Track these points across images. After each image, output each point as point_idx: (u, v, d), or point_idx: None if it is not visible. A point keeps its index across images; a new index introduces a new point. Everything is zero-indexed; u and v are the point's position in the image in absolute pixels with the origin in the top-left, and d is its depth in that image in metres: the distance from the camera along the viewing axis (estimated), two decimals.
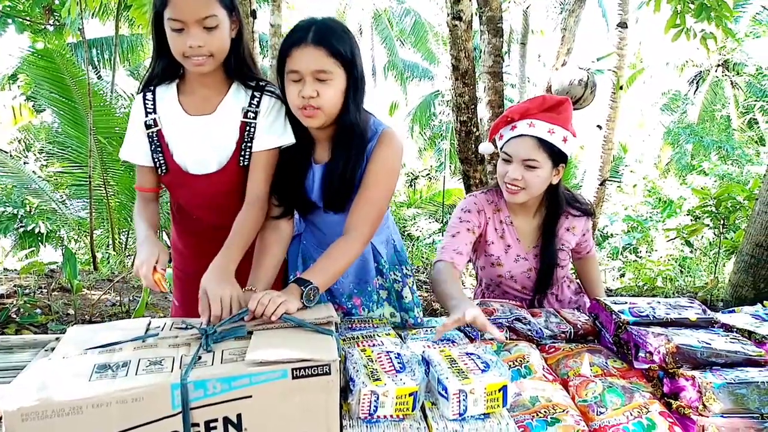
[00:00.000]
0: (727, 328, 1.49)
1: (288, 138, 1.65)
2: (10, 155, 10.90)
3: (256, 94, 1.64)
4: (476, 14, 3.89)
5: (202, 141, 1.63)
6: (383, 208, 1.63)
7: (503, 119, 1.88)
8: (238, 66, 1.62)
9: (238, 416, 1.06)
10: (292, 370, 1.07)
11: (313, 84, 1.47)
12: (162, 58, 1.61)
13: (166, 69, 1.63)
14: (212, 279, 1.40)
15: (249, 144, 1.63)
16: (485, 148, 2.03)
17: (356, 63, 1.54)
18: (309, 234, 1.87)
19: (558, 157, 1.81)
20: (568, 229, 1.97)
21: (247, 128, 1.62)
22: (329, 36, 1.48)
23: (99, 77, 13.42)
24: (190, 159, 1.65)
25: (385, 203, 1.63)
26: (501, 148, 1.88)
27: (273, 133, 1.63)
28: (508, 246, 1.96)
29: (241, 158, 1.64)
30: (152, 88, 1.66)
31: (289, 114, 1.63)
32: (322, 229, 1.82)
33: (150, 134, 1.63)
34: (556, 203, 1.93)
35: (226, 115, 1.63)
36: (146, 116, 1.63)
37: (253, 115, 1.62)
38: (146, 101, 1.64)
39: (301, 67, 1.47)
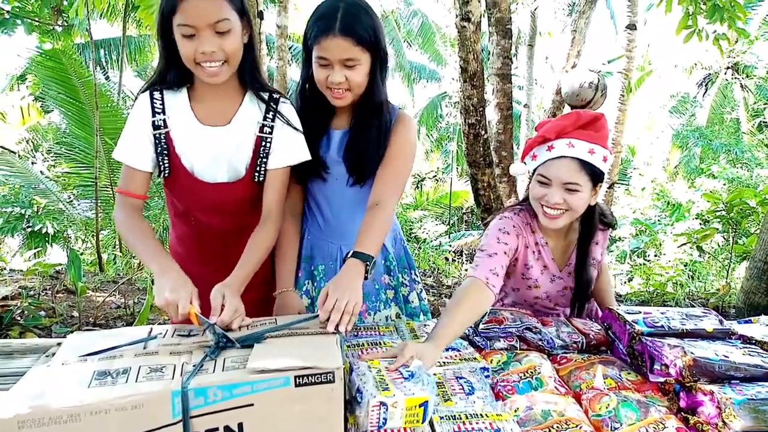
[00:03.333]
0: (745, 340, 1.44)
1: (303, 154, 1.64)
2: (18, 155, 10.95)
3: (271, 106, 1.60)
4: (484, 16, 3.85)
5: (215, 152, 1.58)
6: (405, 182, 1.72)
7: (538, 140, 1.75)
8: (251, 74, 1.58)
9: (240, 425, 1.03)
10: (295, 377, 1.04)
11: (341, 70, 1.56)
12: (172, 67, 1.53)
13: (177, 77, 1.55)
14: (222, 289, 1.37)
15: (264, 160, 1.60)
16: (517, 169, 1.90)
17: (380, 44, 1.60)
18: (314, 225, 1.87)
19: (597, 177, 1.70)
20: (596, 243, 1.89)
21: (263, 143, 1.59)
22: (355, 25, 1.53)
23: (106, 78, 13.47)
24: (199, 166, 1.59)
25: (407, 177, 1.73)
26: (535, 170, 1.75)
27: (288, 151, 1.61)
28: (545, 267, 1.88)
29: (256, 174, 1.61)
30: (159, 88, 1.57)
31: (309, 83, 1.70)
32: (324, 211, 1.83)
33: (157, 135, 1.55)
34: (591, 223, 1.82)
35: (241, 127, 1.59)
36: (154, 116, 1.55)
37: (269, 130, 1.59)
38: (154, 101, 1.55)
39: (329, 55, 1.55)
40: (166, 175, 1.60)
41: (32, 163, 11.48)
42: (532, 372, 1.36)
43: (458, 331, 1.42)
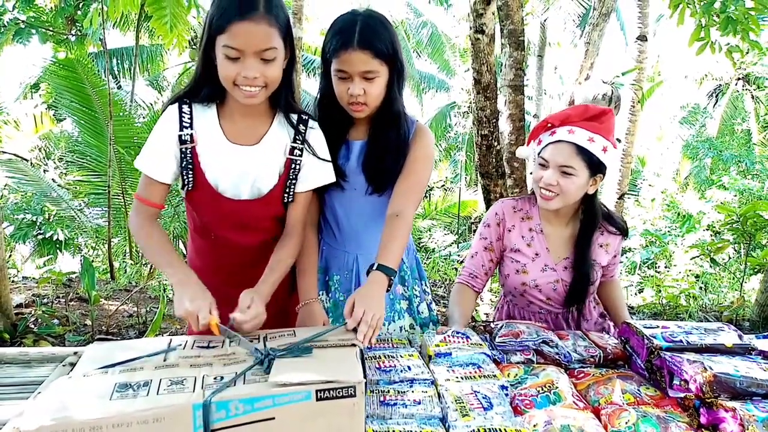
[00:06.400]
0: (766, 356, 1.43)
1: (330, 176, 1.67)
2: (31, 163, 11.05)
3: (300, 128, 1.61)
4: (496, 24, 3.86)
5: (242, 171, 1.58)
6: (423, 193, 1.75)
7: (542, 125, 1.86)
8: (285, 97, 1.58)
9: None
10: (317, 391, 1.05)
11: (360, 83, 1.59)
12: (207, 84, 1.52)
13: (210, 94, 1.54)
14: (251, 294, 1.41)
15: (294, 182, 1.62)
16: (523, 152, 2.02)
17: (398, 56, 1.63)
18: (329, 235, 1.89)
19: (596, 166, 1.78)
20: (601, 246, 1.92)
21: (293, 165, 1.60)
22: (373, 38, 1.56)
23: (119, 87, 13.58)
24: (224, 183, 1.59)
25: (425, 188, 1.76)
26: (538, 153, 1.86)
27: (317, 173, 1.64)
28: (536, 254, 1.92)
29: (285, 195, 1.62)
30: (188, 101, 1.55)
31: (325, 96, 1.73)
32: (342, 220, 1.84)
33: (183, 149, 1.54)
34: (592, 215, 1.89)
35: (270, 148, 1.59)
36: (182, 130, 1.53)
37: (299, 152, 1.61)
38: (182, 114, 1.53)
39: (348, 68, 1.58)
40: (190, 188, 1.59)
41: (44, 170, 11.58)
42: (549, 386, 1.35)
43: (463, 322, 1.84)
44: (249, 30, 1.35)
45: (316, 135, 1.64)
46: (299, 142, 1.60)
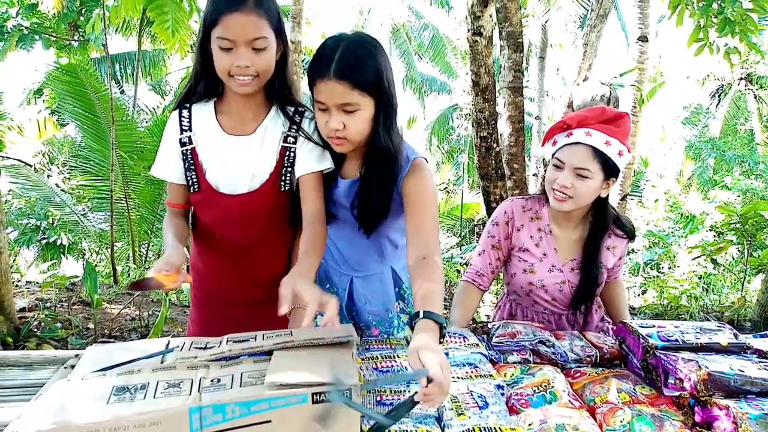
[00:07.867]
0: (761, 354, 1.43)
1: (328, 163, 1.64)
2: (35, 168, 11.09)
3: (295, 119, 1.63)
4: (495, 29, 3.87)
5: (238, 161, 1.62)
6: (437, 226, 1.58)
7: (559, 125, 1.84)
8: (280, 89, 1.62)
9: None
10: (312, 394, 1.05)
11: (339, 116, 1.46)
12: (205, 77, 1.60)
13: (207, 88, 1.62)
14: (293, 277, 1.37)
15: (290, 169, 1.63)
16: (538, 151, 2.00)
17: (383, 88, 1.48)
18: (328, 252, 1.86)
19: (611, 170, 1.77)
20: (608, 248, 1.92)
21: (287, 153, 1.62)
22: (352, 67, 1.42)
23: (122, 92, 13.65)
24: (222, 178, 1.63)
25: (437, 221, 1.59)
26: (553, 155, 1.84)
27: (314, 158, 1.63)
28: (544, 254, 1.91)
29: (282, 183, 1.64)
30: (188, 105, 1.64)
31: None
32: (338, 245, 1.83)
33: (184, 152, 1.62)
34: (603, 218, 1.88)
35: (264, 137, 1.62)
36: (181, 133, 1.62)
37: (293, 140, 1.62)
38: (182, 119, 1.63)
39: (325, 99, 1.45)
40: (195, 189, 1.65)
41: (48, 175, 11.64)
42: (545, 385, 1.36)
43: (463, 324, 1.84)
44: (239, 20, 1.42)
45: (311, 125, 1.64)
46: (294, 131, 1.62)
